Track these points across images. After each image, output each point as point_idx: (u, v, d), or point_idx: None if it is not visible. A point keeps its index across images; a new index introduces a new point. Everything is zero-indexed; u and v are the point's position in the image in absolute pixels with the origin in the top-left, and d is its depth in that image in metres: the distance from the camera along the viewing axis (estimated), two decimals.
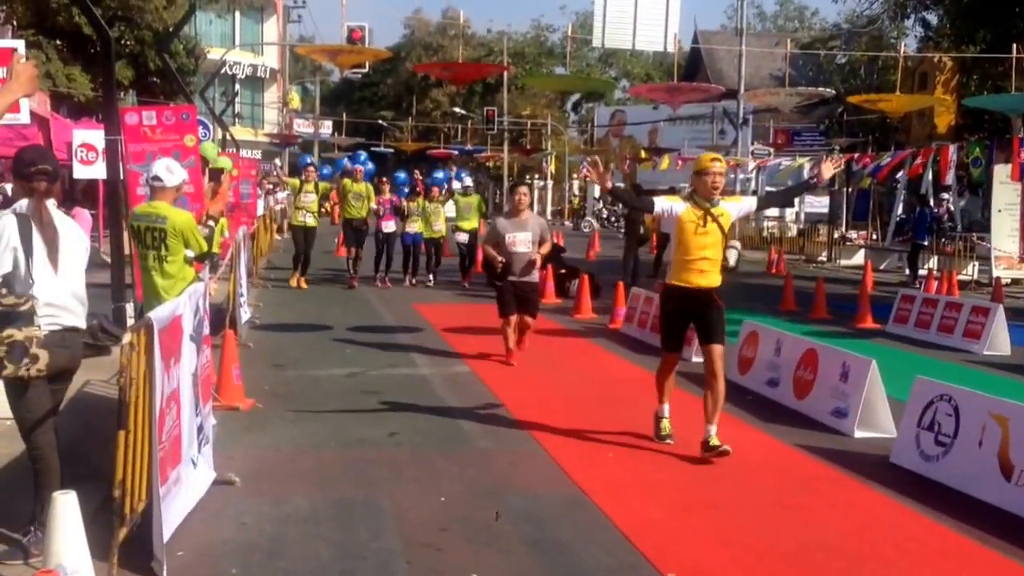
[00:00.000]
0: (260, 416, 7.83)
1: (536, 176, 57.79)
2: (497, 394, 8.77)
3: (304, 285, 16.71)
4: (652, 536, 5.25)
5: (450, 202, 18.92)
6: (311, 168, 17.44)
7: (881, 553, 5.12)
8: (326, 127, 56.48)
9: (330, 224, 30.00)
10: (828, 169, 7.43)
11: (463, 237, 18.15)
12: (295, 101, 60.78)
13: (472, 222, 18.30)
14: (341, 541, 5.12)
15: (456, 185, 19.29)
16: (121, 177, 10.52)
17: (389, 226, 17.55)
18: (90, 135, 15.27)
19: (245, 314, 12.49)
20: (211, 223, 7.06)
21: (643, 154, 38.84)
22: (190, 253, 6.77)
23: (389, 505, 5.71)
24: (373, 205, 17.12)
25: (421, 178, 19.56)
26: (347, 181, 17.02)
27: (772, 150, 37.18)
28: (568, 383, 9.36)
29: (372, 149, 43.94)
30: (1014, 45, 20.12)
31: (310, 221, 16.70)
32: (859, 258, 25.56)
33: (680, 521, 5.55)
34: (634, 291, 13.13)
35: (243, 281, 12.55)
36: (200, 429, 5.73)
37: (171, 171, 6.72)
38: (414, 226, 17.52)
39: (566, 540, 5.21)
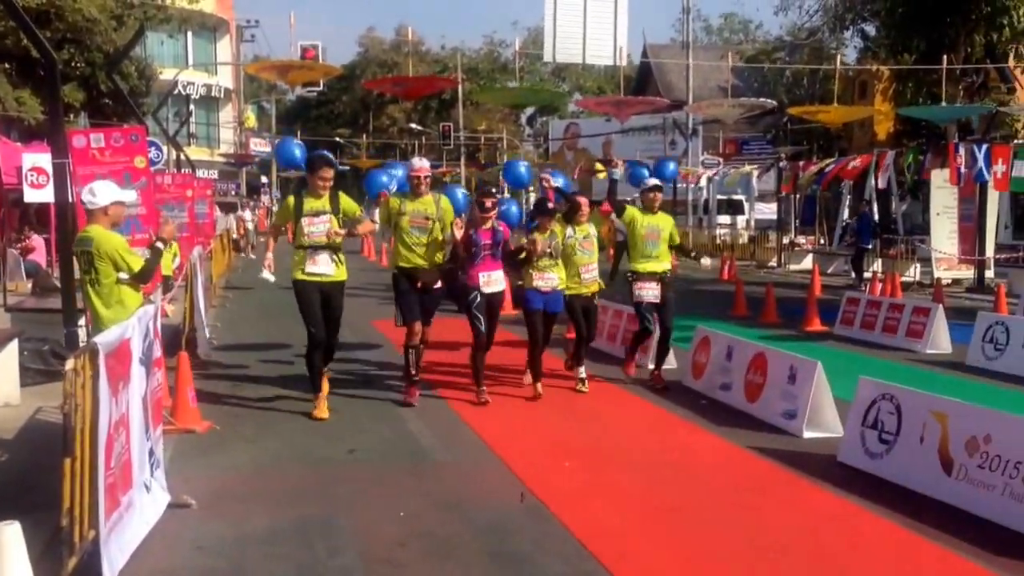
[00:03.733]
0: (217, 437, 7.81)
1: (493, 189, 57.88)
2: (455, 408, 8.85)
3: (326, 413, 8.43)
4: (609, 543, 5.34)
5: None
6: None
7: (832, 551, 5.27)
8: None
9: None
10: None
11: None
12: (251, 120, 60.49)
13: None
14: (300, 560, 5.13)
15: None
16: (70, 200, 10.47)
17: (492, 280, 9.12)
18: (40, 158, 15.14)
19: (203, 335, 12.44)
20: (159, 244, 7.06)
21: (597, 166, 39.13)
22: (123, 275, 6.75)
23: (349, 522, 5.74)
24: (452, 232, 8.91)
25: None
26: (394, 200, 9.14)
27: (721, 159, 37.72)
28: (525, 394, 9.44)
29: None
30: (945, 56, 20.66)
31: (329, 271, 8.41)
32: (807, 263, 25.96)
33: (636, 526, 5.65)
34: (599, 303, 13.23)
35: (200, 301, 12.50)
36: (151, 453, 5.70)
37: (94, 193, 6.72)
38: (551, 278, 9.27)
39: (525, 551, 5.27)
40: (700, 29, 66.26)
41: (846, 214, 28.00)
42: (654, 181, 10.16)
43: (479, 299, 9.04)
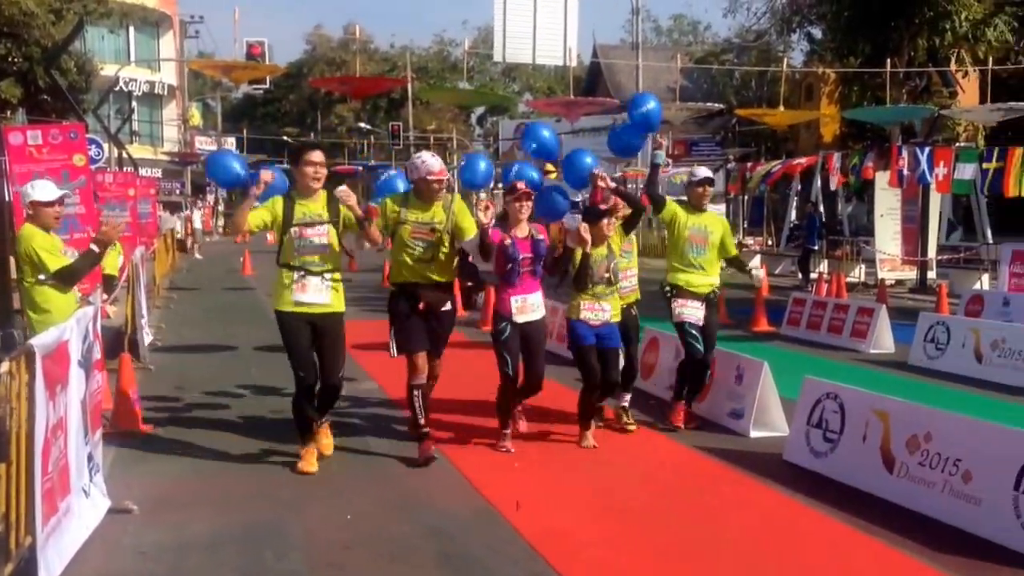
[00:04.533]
0: (160, 441, 7.69)
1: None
2: (404, 409, 8.78)
3: (314, 466, 6.75)
4: (559, 544, 5.34)
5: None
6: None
7: (779, 549, 5.31)
8: (229, 144, 55.50)
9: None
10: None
11: None
12: (195, 118, 59.68)
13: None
14: (244, 566, 5.07)
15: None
16: (7, 199, 10.24)
17: (527, 305, 7.16)
18: None
19: (146, 336, 12.26)
20: (93, 247, 6.90)
21: (548, 167, 39.24)
22: (42, 277, 6.59)
23: (294, 526, 5.67)
24: (468, 239, 7.00)
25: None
26: (392, 203, 7.12)
27: (670, 160, 37.96)
28: (474, 395, 9.41)
29: (276, 167, 43.40)
30: (889, 59, 21.01)
31: (322, 300, 6.67)
32: (755, 263, 26.24)
33: (586, 527, 5.65)
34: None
35: (143, 303, 12.31)
36: (91, 457, 5.61)
37: (27, 192, 6.65)
38: (603, 309, 7.37)
39: (475, 554, 5.25)
40: (650, 30, 66.80)
41: (793, 215, 28.38)
42: (705, 172, 8.15)
43: (508, 332, 7.06)
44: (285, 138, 54.83)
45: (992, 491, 5.40)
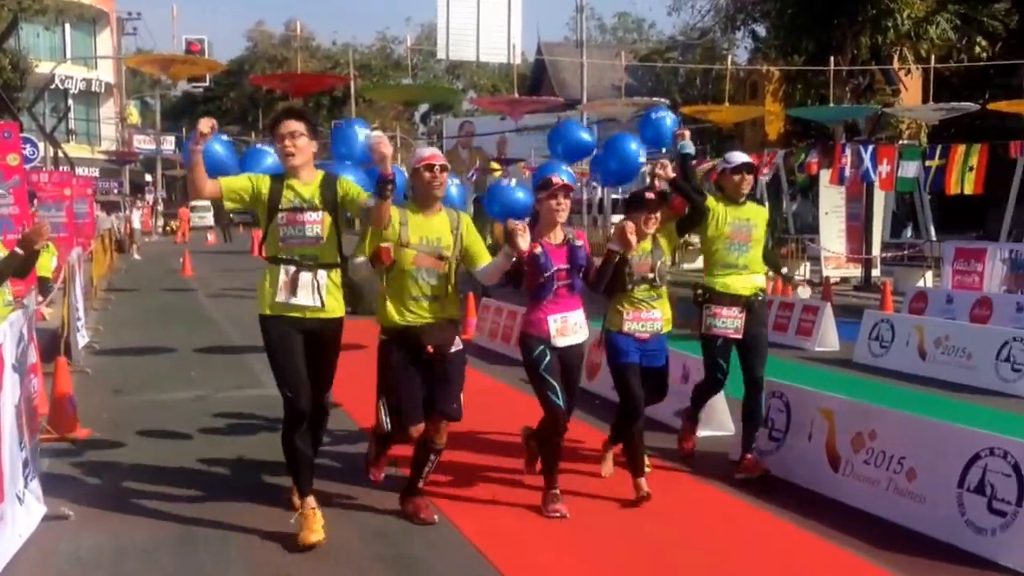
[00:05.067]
0: (98, 445, 7.51)
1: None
2: (349, 411, 8.65)
3: (320, 535, 5.23)
4: (504, 546, 5.29)
5: None
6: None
7: (725, 548, 5.31)
8: (168, 143, 54.72)
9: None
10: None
11: None
12: (134, 116, 58.73)
13: None
14: (183, 571, 4.97)
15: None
16: None
17: (568, 325, 5.93)
18: None
19: (83, 339, 12.00)
20: (18, 250, 6.68)
21: (493, 165, 39.23)
22: None
23: (236, 532, 5.55)
24: (481, 266, 5.79)
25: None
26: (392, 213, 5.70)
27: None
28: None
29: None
30: (832, 57, 21.27)
31: (315, 302, 5.37)
32: (701, 262, 26.38)
33: (531, 528, 5.60)
34: (484, 302, 13.22)
35: (79, 304, 12.04)
36: (26, 463, 5.46)
37: None
38: (651, 319, 6.35)
39: (418, 555, 5.19)
40: (594, 27, 67.06)
41: None
42: (742, 156, 6.87)
43: (548, 358, 5.76)
44: (226, 137, 54.02)
45: (936, 488, 5.44)
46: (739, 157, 6.83)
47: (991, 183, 17.54)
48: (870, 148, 18.99)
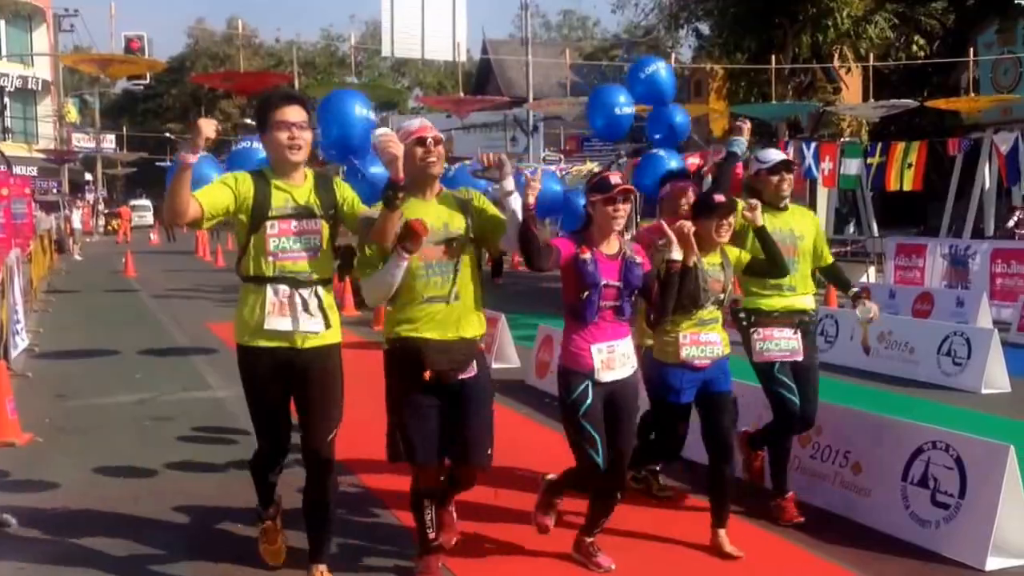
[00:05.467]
0: (40, 451, 7.37)
1: None
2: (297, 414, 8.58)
3: (278, 559, 4.99)
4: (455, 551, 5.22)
5: None
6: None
7: (677, 544, 5.35)
8: (108, 141, 53.84)
9: None
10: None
11: None
12: (72, 114, 57.56)
13: None
14: None
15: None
16: None
17: (616, 356, 4.82)
18: None
19: (22, 342, 11.77)
20: None
21: None
22: None
23: (184, 537, 5.47)
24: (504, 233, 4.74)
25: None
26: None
27: (563, 156, 38.30)
28: (373, 398, 9.26)
29: (158, 164, 42.26)
30: (774, 56, 21.55)
31: (308, 327, 4.49)
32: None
33: (483, 528, 5.55)
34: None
35: (18, 307, 11.80)
36: None
37: None
38: (711, 342, 5.41)
39: (365, 546, 5.25)
40: (539, 25, 67.33)
41: None
42: (778, 154, 5.94)
43: (590, 401, 4.76)
44: (167, 135, 53.29)
45: (881, 482, 5.54)
46: (775, 154, 5.89)
47: (931, 180, 17.89)
48: (812, 145, 19.26)
